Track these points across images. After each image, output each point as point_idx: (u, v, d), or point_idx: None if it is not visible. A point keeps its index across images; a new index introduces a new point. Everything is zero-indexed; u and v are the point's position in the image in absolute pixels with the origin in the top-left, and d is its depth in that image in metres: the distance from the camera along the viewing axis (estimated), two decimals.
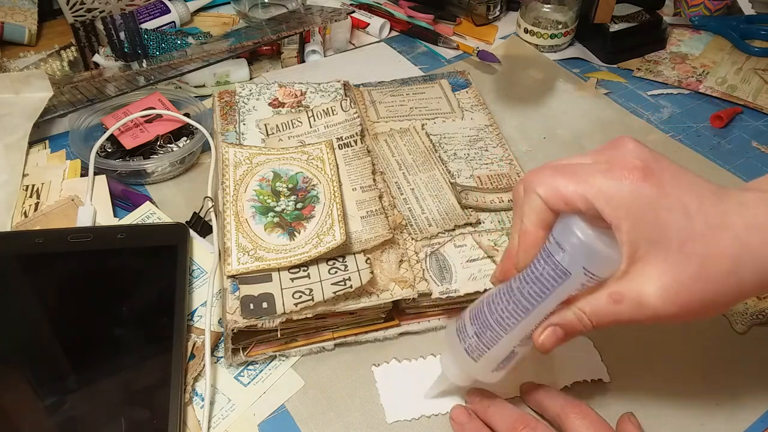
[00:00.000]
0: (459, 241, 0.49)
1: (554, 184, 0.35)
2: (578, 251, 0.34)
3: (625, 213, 0.33)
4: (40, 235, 0.53)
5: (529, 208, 0.36)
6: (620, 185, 0.33)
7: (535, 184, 0.36)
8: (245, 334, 0.46)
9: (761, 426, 0.46)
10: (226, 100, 0.63)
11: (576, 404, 0.43)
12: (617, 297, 0.34)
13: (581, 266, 0.34)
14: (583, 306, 0.35)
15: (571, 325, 0.36)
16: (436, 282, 0.47)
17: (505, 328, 0.38)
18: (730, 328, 0.51)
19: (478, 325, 0.39)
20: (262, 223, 0.50)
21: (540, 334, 0.37)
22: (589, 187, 0.34)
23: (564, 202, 0.35)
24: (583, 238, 0.34)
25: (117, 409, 0.43)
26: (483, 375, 0.41)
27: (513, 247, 0.38)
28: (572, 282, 0.35)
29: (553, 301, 0.36)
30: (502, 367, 0.40)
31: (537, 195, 0.36)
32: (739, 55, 0.81)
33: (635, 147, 0.35)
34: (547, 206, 0.35)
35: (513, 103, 0.74)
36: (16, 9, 0.80)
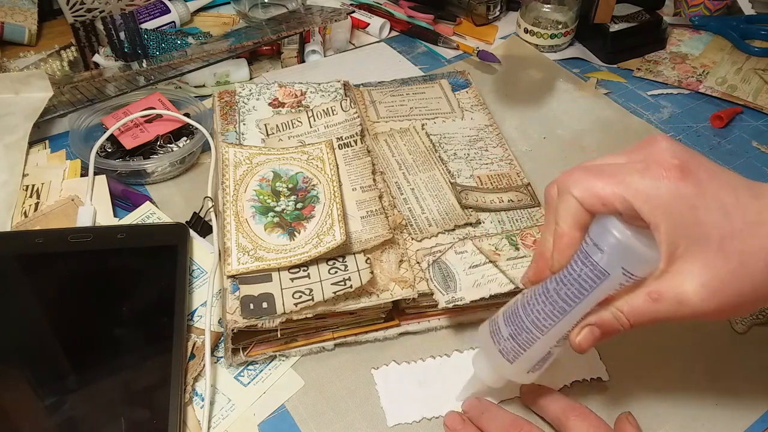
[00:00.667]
0: (459, 248, 0.49)
1: (590, 186, 0.35)
2: (617, 251, 0.34)
3: (664, 212, 0.33)
4: (40, 235, 0.53)
5: (564, 210, 0.36)
6: (658, 184, 0.33)
7: (570, 185, 0.36)
8: (245, 334, 0.46)
9: (761, 426, 0.46)
10: (226, 100, 0.63)
11: (576, 406, 0.43)
12: (656, 296, 0.34)
13: (620, 266, 0.35)
14: (620, 306, 0.36)
15: (609, 325, 0.36)
16: (441, 291, 0.47)
17: (541, 329, 0.38)
18: (730, 328, 0.51)
19: (513, 327, 0.39)
20: (262, 223, 0.50)
21: (577, 335, 0.37)
22: (626, 187, 0.34)
23: (601, 204, 0.34)
24: (621, 238, 0.34)
25: (117, 409, 0.43)
26: (518, 376, 0.41)
27: (547, 248, 0.38)
28: (611, 282, 0.35)
29: (590, 301, 0.36)
30: (537, 368, 0.40)
31: (572, 196, 0.35)
32: (739, 55, 0.81)
33: (670, 145, 0.35)
34: (583, 208, 0.35)
35: (513, 103, 0.74)
36: (16, 9, 0.80)
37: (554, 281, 0.37)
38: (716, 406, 0.47)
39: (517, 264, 0.49)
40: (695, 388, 0.48)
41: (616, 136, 0.70)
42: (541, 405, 0.45)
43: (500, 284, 0.47)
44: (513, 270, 0.48)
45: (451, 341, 0.50)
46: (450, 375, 0.48)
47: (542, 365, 0.40)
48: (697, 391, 0.48)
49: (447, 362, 0.49)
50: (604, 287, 0.35)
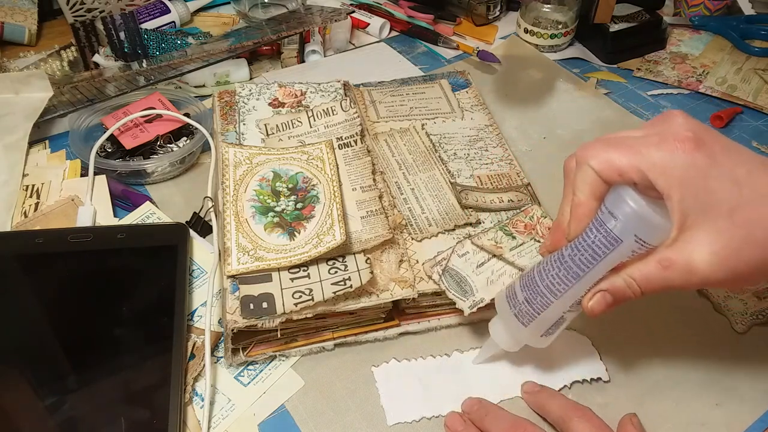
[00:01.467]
0: (460, 251, 0.49)
1: (608, 157, 0.36)
2: (630, 219, 0.36)
3: (677, 183, 0.34)
4: (40, 235, 0.53)
5: (581, 181, 0.38)
6: (673, 156, 0.34)
7: (588, 157, 0.37)
8: (245, 334, 0.46)
9: (761, 426, 0.46)
10: (226, 100, 0.62)
11: (579, 408, 0.43)
12: (667, 263, 0.35)
13: (633, 234, 0.36)
14: (632, 272, 0.37)
15: (620, 291, 0.37)
16: (461, 298, 0.46)
17: (555, 294, 0.40)
18: (730, 328, 0.51)
19: (528, 291, 0.41)
20: (262, 223, 0.50)
21: (589, 300, 0.38)
22: (642, 158, 0.35)
23: (618, 174, 0.36)
24: (635, 207, 0.36)
25: (117, 409, 0.43)
26: (532, 339, 0.43)
27: (564, 218, 0.40)
28: (623, 249, 0.37)
29: (603, 267, 0.38)
30: (550, 332, 0.42)
31: (590, 167, 0.37)
32: (739, 55, 0.81)
33: (685, 120, 0.36)
34: (600, 178, 0.37)
35: (513, 103, 0.74)
36: (16, 9, 0.80)
37: (569, 248, 0.39)
38: (716, 406, 0.47)
39: (521, 252, 0.49)
40: (695, 388, 0.48)
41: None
42: (543, 405, 0.45)
43: (511, 276, 0.48)
44: (520, 259, 0.49)
45: (451, 341, 0.50)
46: (450, 374, 0.48)
47: (555, 329, 0.42)
48: (697, 391, 0.48)
49: (447, 361, 0.49)
50: (617, 254, 0.37)
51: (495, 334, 0.45)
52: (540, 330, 0.42)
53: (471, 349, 0.49)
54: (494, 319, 0.45)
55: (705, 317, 0.52)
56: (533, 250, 0.49)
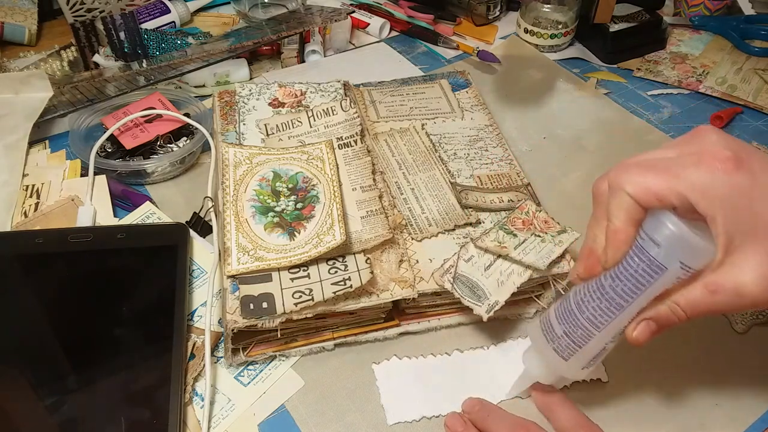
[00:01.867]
0: (465, 255, 0.49)
1: (644, 182, 0.35)
2: (673, 245, 0.35)
3: (720, 204, 0.33)
4: (40, 235, 0.53)
5: (617, 207, 0.36)
6: (713, 177, 0.33)
7: (622, 182, 0.36)
8: (245, 334, 0.46)
9: (761, 426, 0.46)
10: (226, 100, 0.62)
11: (588, 424, 0.43)
12: (714, 287, 0.34)
13: (677, 260, 0.35)
14: (677, 299, 0.36)
15: (666, 318, 0.37)
16: (477, 304, 0.46)
17: (597, 326, 0.38)
18: (730, 328, 0.51)
19: (567, 325, 0.40)
20: (262, 223, 0.50)
21: (633, 329, 0.37)
22: (681, 181, 0.34)
23: (656, 199, 0.35)
24: (677, 231, 0.35)
25: (117, 409, 0.43)
26: (572, 373, 0.42)
27: (598, 245, 0.38)
28: (668, 276, 0.35)
29: (647, 296, 0.36)
30: (592, 363, 0.41)
31: (625, 193, 0.35)
32: (739, 55, 0.81)
33: (720, 137, 0.35)
34: (637, 204, 0.35)
35: (513, 103, 0.74)
36: (16, 9, 0.80)
37: (609, 277, 0.37)
38: (716, 406, 0.47)
39: (526, 249, 0.49)
40: (695, 388, 0.48)
41: (616, 136, 0.70)
42: (552, 411, 0.45)
43: (519, 274, 0.48)
44: (526, 257, 0.48)
45: (451, 341, 0.50)
46: (451, 374, 0.48)
47: (597, 360, 0.41)
48: (697, 391, 0.48)
49: (448, 361, 0.49)
50: (662, 281, 0.36)
51: (533, 368, 0.43)
52: (581, 363, 0.41)
53: (471, 348, 0.49)
54: (529, 352, 0.44)
55: (705, 317, 0.52)
56: (537, 246, 0.49)
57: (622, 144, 0.69)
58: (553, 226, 0.51)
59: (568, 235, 0.50)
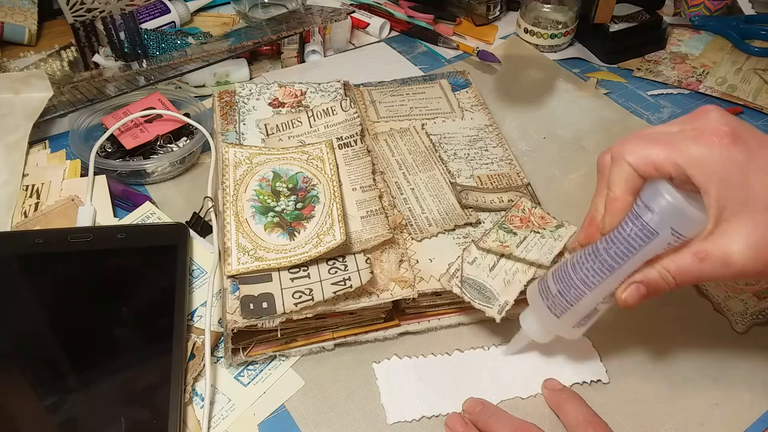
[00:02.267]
0: (469, 258, 0.49)
1: (644, 152, 0.37)
2: (667, 212, 0.37)
3: (715, 176, 0.35)
4: (40, 235, 0.53)
5: (617, 176, 0.38)
6: (710, 151, 0.35)
7: (624, 152, 0.38)
8: (245, 334, 0.46)
9: (761, 426, 0.46)
10: (226, 100, 0.62)
11: (597, 421, 0.43)
12: (702, 255, 0.36)
13: (669, 226, 0.37)
14: (667, 264, 0.37)
15: (655, 283, 0.38)
16: (487, 306, 0.46)
17: (589, 285, 0.40)
18: (730, 328, 0.51)
19: (561, 284, 0.42)
20: (262, 223, 0.50)
21: (623, 291, 0.39)
22: (679, 153, 0.35)
23: (654, 168, 0.36)
24: (672, 200, 0.36)
25: (117, 409, 0.43)
26: (564, 330, 0.44)
27: (598, 213, 0.41)
28: (659, 242, 0.37)
29: (638, 260, 0.38)
30: (583, 323, 0.43)
31: (627, 163, 0.37)
32: (739, 55, 0.81)
33: (721, 114, 0.37)
34: (636, 173, 0.37)
35: (513, 103, 0.74)
36: (16, 9, 0.80)
37: (604, 241, 0.39)
38: (716, 406, 0.47)
39: (528, 247, 0.49)
40: (695, 388, 0.48)
41: (616, 136, 0.70)
42: (561, 406, 0.45)
43: (524, 272, 0.48)
44: (529, 254, 0.48)
45: (451, 341, 0.50)
46: (451, 373, 0.48)
47: (588, 321, 0.43)
48: (697, 391, 0.48)
49: (448, 360, 0.49)
50: (652, 246, 0.37)
51: (526, 325, 0.45)
52: (573, 321, 0.43)
53: (471, 348, 0.49)
54: (525, 311, 0.46)
55: (705, 317, 0.52)
56: (538, 242, 0.49)
57: None
58: (550, 221, 0.51)
59: (566, 229, 0.50)
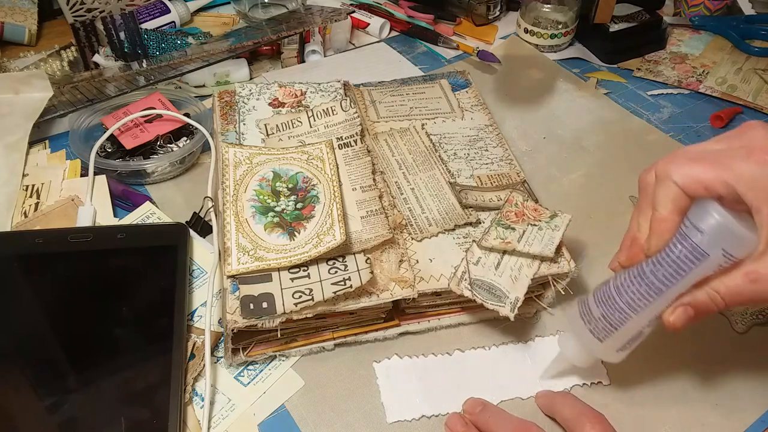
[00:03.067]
0: (473, 258, 0.49)
1: (692, 172, 0.36)
2: (717, 233, 0.36)
3: (766, 196, 0.34)
4: (40, 235, 0.53)
5: (664, 196, 0.37)
6: (762, 169, 0.34)
7: (670, 172, 0.37)
8: (245, 334, 0.46)
9: (761, 426, 0.46)
10: (226, 100, 0.62)
11: (594, 414, 0.43)
12: (754, 276, 0.35)
13: (720, 247, 0.36)
14: (716, 286, 0.37)
15: (704, 305, 0.37)
16: (500, 305, 0.46)
17: (635, 309, 0.39)
18: (730, 328, 0.51)
19: (605, 307, 0.41)
20: (262, 223, 0.50)
21: (671, 314, 0.38)
22: (730, 172, 0.35)
23: (704, 188, 0.36)
24: (722, 220, 0.36)
25: (117, 409, 0.43)
26: (607, 355, 0.43)
27: (642, 234, 0.40)
28: (709, 263, 0.36)
29: (687, 282, 0.37)
30: (627, 347, 0.42)
31: (673, 183, 0.37)
32: (739, 55, 0.81)
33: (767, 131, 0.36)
34: (684, 193, 0.37)
35: (513, 103, 0.74)
36: (16, 9, 0.80)
37: (650, 263, 0.38)
38: (716, 406, 0.47)
39: (529, 240, 0.49)
40: (695, 388, 0.48)
41: (616, 136, 0.70)
42: (555, 405, 0.45)
43: (529, 266, 0.48)
44: (532, 247, 0.48)
45: (451, 341, 0.50)
46: (451, 373, 0.48)
47: (632, 344, 0.42)
48: (697, 391, 0.48)
49: (448, 360, 0.49)
50: (702, 268, 0.37)
51: (567, 349, 0.45)
52: (616, 345, 0.42)
53: (471, 348, 0.49)
54: (565, 335, 0.45)
55: (705, 317, 0.52)
56: (537, 234, 0.49)
57: (622, 144, 0.69)
58: (543, 212, 0.51)
59: (561, 218, 0.51)
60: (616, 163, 0.67)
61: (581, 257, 0.56)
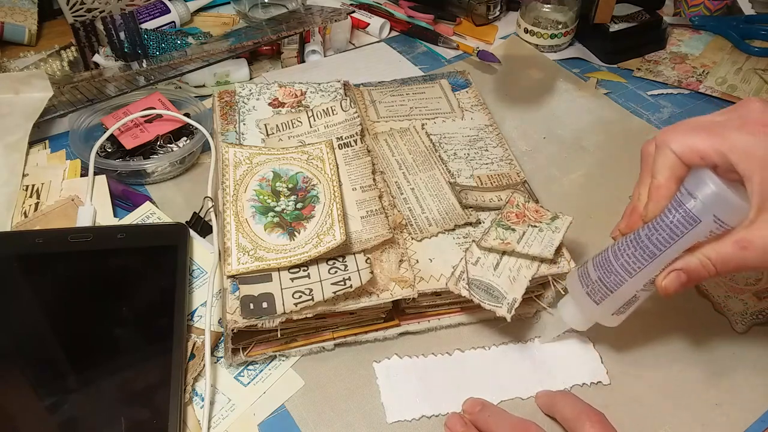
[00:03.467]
0: (472, 258, 0.49)
1: (689, 141, 0.37)
2: (710, 200, 0.37)
3: (759, 165, 0.35)
4: (40, 235, 0.53)
5: (662, 164, 0.39)
6: (755, 140, 0.35)
7: (669, 141, 0.38)
8: (245, 334, 0.46)
9: (761, 426, 0.46)
10: (226, 100, 0.62)
11: (593, 412, 0.43)
12: (744, 243, 0.36)
13: (712, 214, 0.37)
14: (708, 252, 0.38)
15: (695, 270, 0.38)
16: (497, 306, 0.46)
17: (630, 272, 0.41)
18: (730, 328, 0.51)
19: (602, 270, 0.42)
20: (262, 223, 0.50)
21: (664, 278, 0.40)
22: (724, 141, 0.36)
23: (699, 157, 0.37)
24: (715, 188, 0.37)
25: (117, 409, 0.43)
26: (603, 317, 0.44)
27: (640, 202, 0.41)
28: (701, 229, 0.38)
29: (679, 246, 0.39)
30: (622, 311, 0.43)
31: (671, 150, 0.38)
32: (739, 55, 0.81)
33: (764, 105, 0.37)
34: (681, 161, 0.38)
35: (513, 103, 0.74)
36: (16, 9, 0.80)
37: (646, 228, 0.40)
38: (716, 406, 0.47)
39: (528, 241, 0.49)
40: (695, 388, 0.48)
41: (616, 136, 0.70)
42: (554, 404, 0.45)
43: (528, 267, 0.48)
44: (531, 248, 0.48)
45: (451, 341, 0.50)
46: (451, 373, 0.48)
47: (627, 308, 0.43)
48: (697, 391, 0.48)
49: (448, 360, 0.49)
50: (694, 233, 0.38)
51: (565, 313, 0.46)
52: (612, 308, 0.43)
53: (471, 348, 0.50)
54: (564, 299, 0.46)
55: (705, 317, 0.52)
56: (537, 236, 0.49)
57: (622, 144, 0.69)
58: (545, 214, 0.51)
59: (562, 220, 0.51)
60: (616, 163, 0.67)
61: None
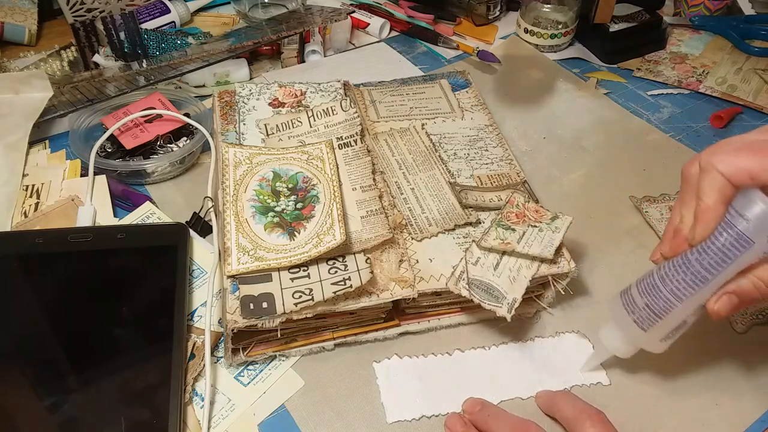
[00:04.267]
0: (472, 258, 0.49)
1: (737, 161, 0.36)
2: (763, 220, 0.36)
3: None
4: (40, 235, 0.53)
5: (709, 186, 0.37)
6: None
7: (715, 162, 0.37)
8: (245, 334, 0.46)
9: (761, 426, 0.46)
10: (226, 100, 0.62)
11: (594, 412, 0.43)
12: None
13: (765, 235, 0.36)
14: (761, 274, 0.37)
15: (748, 293, 0.38)
16: (497, 306, 0.46)
17: (679, 297, 0.40)
18: (730, 328, 0.51)
19: (649, 297, 0.41)
20: (262, 223, 0.50)
21: (715, 302, 0.39)
22: None
23: (749, 177, 0.36)
24: (767, 208, 0.36)
25: (117, 409, 0.43)
26: (650, 344, 0.43)
27: (684, 224, 0.40)
28: (754, 251, 0.37)
29: (732, 270, 0.38)
30: (670, 336, 0.42)
31: (718, 172, 0.37)
32: (739, 55, 0.81)
33: None
34: (729, 183, 0.37)
35: (513, 103, 0.74)
36: (16, 9, 0.80)
37: (695, 252, 0.39)
38: (716, 406, 0.47)
39: (528, 242, 0.49)
40: (695, 388, 0.48)
41: (616, 136, 0.70)
42: (555, 404, 0.45)
43: (528, 267, 0.48)
44: (531, 248, 0.48)
45: (451, 341, 0.50)
46: (451, 373, 0.48)
47: (675, 334, 0.42)
48: (697, 391, 0.48)
49: (448, 360, 0.49)
50: (748, 255, 0.37)
51: (608, 340, 0.45)
52: (660, 334, 0.42)
53: (471, 348, 0.50)
54: (607, 327, 0.45)
55: (705, 317, 0.52)
56: (537, 236, 0.49)
57: (622, 144, 0.69)
58: (545, 214, 0.51)
59: (562, 220, 0.51)
60: (616, 163, 0.67)
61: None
